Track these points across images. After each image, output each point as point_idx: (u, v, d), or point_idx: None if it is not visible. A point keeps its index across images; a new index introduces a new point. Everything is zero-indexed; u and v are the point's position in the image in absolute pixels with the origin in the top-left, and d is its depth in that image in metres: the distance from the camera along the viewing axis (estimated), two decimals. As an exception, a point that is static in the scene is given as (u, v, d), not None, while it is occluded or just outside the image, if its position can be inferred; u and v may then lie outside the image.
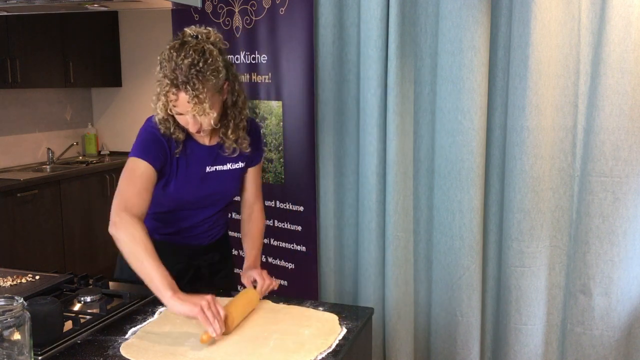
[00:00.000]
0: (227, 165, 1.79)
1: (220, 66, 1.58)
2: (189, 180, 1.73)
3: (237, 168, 1.82)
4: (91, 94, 5.17)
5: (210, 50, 1.57)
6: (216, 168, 1.77)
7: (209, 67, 1.54)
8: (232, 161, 1.79)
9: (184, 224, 1.82)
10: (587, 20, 2.16)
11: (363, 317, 1.57)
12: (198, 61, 1.53)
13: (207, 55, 1.55)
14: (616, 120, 2.14)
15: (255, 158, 1.86)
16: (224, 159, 1.77)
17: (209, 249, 1.89)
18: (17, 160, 4.48)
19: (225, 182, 1.80)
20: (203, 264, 1.88)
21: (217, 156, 1.77)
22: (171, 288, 1.44)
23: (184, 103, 1.54)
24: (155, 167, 1.64)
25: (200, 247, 1.87)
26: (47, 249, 4.05)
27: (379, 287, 2.55)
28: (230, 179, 1.81)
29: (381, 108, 2.42)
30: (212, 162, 1.76)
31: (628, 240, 2.21)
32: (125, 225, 1.54)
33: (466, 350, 2.44)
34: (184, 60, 1.52)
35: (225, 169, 1.79)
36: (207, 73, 1.53)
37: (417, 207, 2.50)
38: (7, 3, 1.73)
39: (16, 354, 1.20)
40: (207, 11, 2.74)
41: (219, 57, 1.59)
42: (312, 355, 1.35)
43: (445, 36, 2.29)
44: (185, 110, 1.56)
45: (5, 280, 1.76)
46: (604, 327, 2.28)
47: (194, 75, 1.51)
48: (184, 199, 1.76)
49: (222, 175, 1.79)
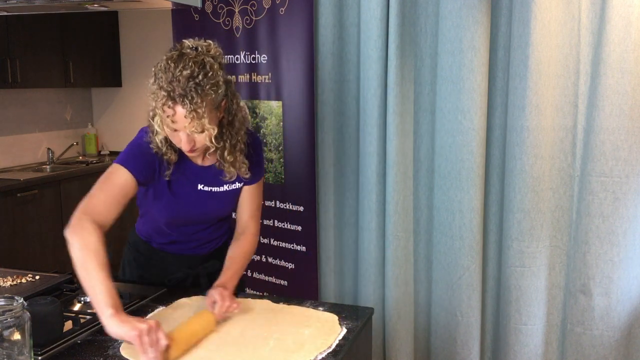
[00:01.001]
0: (224, 187, 1.69)
1: (221, 81, 1.47)
2: (179, 200, 1.65)
3: (235, 188, 1.72)
4: (91, 94, 5.17)
5: (211, 63, 1.45)
6: (212, 189, 1.68)
7: (208, 81, 1.42)
8: (229, 182, 1.69)
9: (178, 237, 1.77)
10: (587, 20, 2.16)
11: (363, 317, 1.57)
12: (198, 73, 1.41)
13: (208, 69, 1.43)
14: (616, 120, 2.14)
15: (254, 176, 1.71)
16: (220, 180, 1.67)
17: (209, 257, 1.82)
18: (17, 160, 4.48)
19: (220, 203, 1.72)
20: (202, 272, 1.80)
21: (213, 177, 1.67)
22: (113, 306, 1.29)
23: (181, 118, 1.42)
24: (138, 178, 1.54)
25: (199, 256, 1.81)
26: (47, 249, 4.05)
27: (379, 287, 2.55)
28: (225, 199, 1.72)
29: (381, 108, 2.42)
30: (206, 182, 1.67)
31: (628, 240, 2.21)
32: (81, 231, 1.41)
33: (466, 350, 2.44)
34: (182, 72, 1.40)
35: (221, 190, 1.69)
36: (206, 87, 1.42)
37: (417, 207, 2.50)
38: (7, 3, 1.73)
39: (16, 354, 1.20)
40: (207, 11, 2.74)
41: (220, 72, 1.48)
42: (312, 355, 1.35)
43: (445, 36, 2.29)
44: (181, 126, 1.44)
45: (5, 280, 1.76)
46: (604, 327, 2.27)
47: (193, 88, 1.40)
48: (174, 216, 1.70)
49: (218, 196, 1.70)
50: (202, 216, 1.74)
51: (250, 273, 2.87)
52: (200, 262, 1.81)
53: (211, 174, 1.67)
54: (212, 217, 1.76)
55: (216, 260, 1.78)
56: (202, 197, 1.68)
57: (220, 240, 1.84)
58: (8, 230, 3.75)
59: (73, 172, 4.33)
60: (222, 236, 1.84)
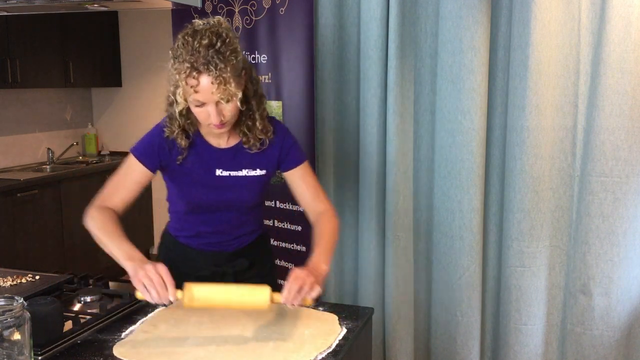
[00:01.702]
0: (243, 172, 1.66)
1: (238, 48, 1.48)
2: (195, 184, 1.66)
3: (255, 175, 1.67)
4: (91, 94, 5.17)
5: (226, 32, 1.47)
6: (230, 173, 1.65)
7: (227, 48, 1.44)
8: (248, 167, 1.66)
9: (203, 228, 1.74)
10: (587, 20, 2.16)
11: (363, 317, 1.57)
12: (216, 41, 1.43)
13: (224, 36, 1.45)
14: (616, 120, 2.14)
15: (288, 160, 1.69)
16: (239, 163, 1.66)
17: (235, 255, 1.77)
18: (17, 160, 4.48)
19: (240, 189, 1.67)
20: (228, 271, 1.76)
21: (232, 160, 1.65)
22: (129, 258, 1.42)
23: (207, 87, 1.42)
24: (147, 165, 1.62)
25: (225, 253, 1.76)
26: (47, 249, 4.05)
27: (379, 287, 2.55)
28: (245, 186, 1.67)
29: (381, 108, 2.42)
30: (225, 166, 1.65)
31: (628, 240, 2.21)
32: (94, 213, 1.58)
33: (466, 350, 2.44)
34: (201, 42, 1.42)
35: (240, 174, 1.66)
36: (227, 54, 1.43)
37: (417, 207, 2.50)
38: (7, 3, 1.74)
39: (16, 354, 1.20)
40: (207, 11, 2.74)
41: (235, 40, 1.49)
42: (312, 355, 1.35)
43: (445, 36, 2.29)
44: (208, 97, 1.45)
45: (5, 280, 1.76)
46: (604, 327, 2.27)
47: (215, 55, 1.41)
48: (193, 201, 1.69)
49: (237, 181, 1.66)
50: (220, 203, 1.69)
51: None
52: (227, 260, 1.77)
53: (230, 156, 1.65)
54: (231, 204, 1.70)
55: (244, 259, 1.77)
56: (219, 183, 1.66)
57: (246, 239, 1.79)
58: (8, 230, 3.75)
59: (73, 172, 4.34)
60: (248, 234, 1.79)
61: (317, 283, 1.42)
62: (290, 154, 1.69)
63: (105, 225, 1.54)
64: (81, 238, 4.33)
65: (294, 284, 1.39)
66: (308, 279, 1.41)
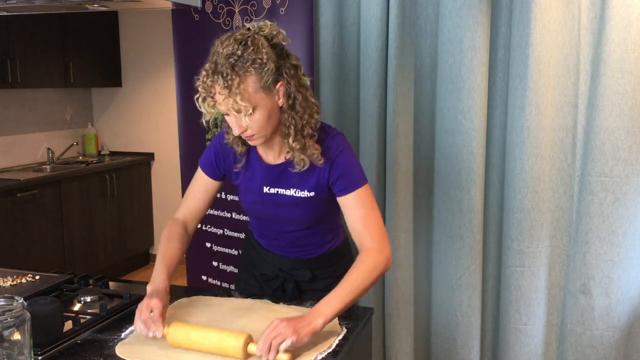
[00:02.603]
0: (291, 191, 1.59)
1: (265, 59, 1.40)
2: (249, 196, 1.66)
3: (303, 197, 1.58)
4: (91, 94, 5.17)
5: (257, 41, 1.41)
6: (277, 191, 1.61)
7: (249, 57, 1.38)
8: (297, 187, 1.58)
9: (266, 232, 1.74)
10: (587, 20, 2.16)
11: (363, 317, 1.57)
12: (236, 50, 1.38)
13: (249, 45, 1.39)
14: (616, 120, 2.14)
15: (338, 185, 1.55)
16: (288, 182, 1.59)
17: (298, 264, 1.73)
18: (17, 160, 4.48)
19: (289, 207, 1.61)
20: (290, 278, 1.74)
21: (279, 177, 1.60)
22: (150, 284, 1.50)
23: (218, 96, 1.41)
24: (211, 176, 1.69)
25: (289, 260, 1.74)
26: (47, 249, 4.05)
27: (379, 287, 2.55)
28: (294, 205, 1.60)
29: (381, 108, 2.42)
30: (272, 184, 1.61)
31: (628, 240, 2.21)
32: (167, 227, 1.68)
33: (466, 350, 2.44)
34: (223, 50, 1.40)
35: (287, 194, 1.60)
36: (246, 64, 1.38)
37: (417, 207, 2.50)
38: (7, 3, 1.74)
39: (16, 354, 1.20)
40: (207, 11, 2.74)
41: (266, 50, 1.41)
42: (312, 355, 1.35)
43: (445, 36, 2.29)
44: (221, 107, 1.43)
45: (5, 280, 1.76)
46: (604, 327, 2.28)
47: (230, 65, 1.37)
48: (249, 210, 1.72)
49: (283, 199, 1.61)
50: (273, 217, 1.67)
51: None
52: (291, 266, 1.74)
53: (277, 174, 1.60)
54: (283, 221, 1.66)
55: (307, 271, 1.73)
56: (268, 199, 1.63)
57: (311, 251, 1.72)
58: (8, 230, 3.75)
59: (73, 172, 4.33)
60: (313, 247, 1.72)
61: (296, 335, 1.30)
62: (343, 176, 1.54)
63: (162, 243, 1.64)
64: (81, 238, 4.34)
65: (268, 336, 1.30)
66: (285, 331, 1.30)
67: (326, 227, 1.71)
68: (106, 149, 5.09)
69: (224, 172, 1.69)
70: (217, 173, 1.69)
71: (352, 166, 1.57)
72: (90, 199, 4.42)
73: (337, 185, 1.55)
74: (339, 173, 1.55)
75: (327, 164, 1.54)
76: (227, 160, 1.66)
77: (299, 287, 1.75)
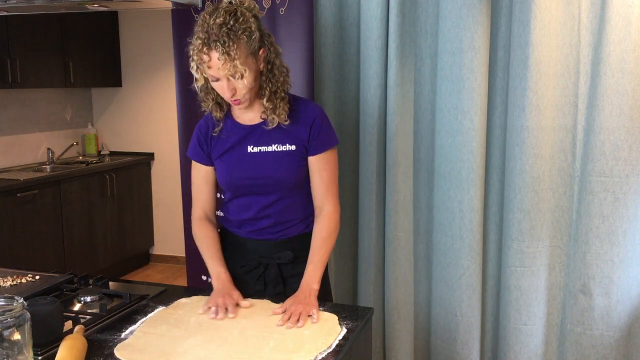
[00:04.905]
0: (272, 147, 1.72)
1: (253, 27, 1.58)
2: (232, 161, 1.73)
3: (285, 150, 1.71)
4: (91, 94, 5.17)
5: (243, 12, 1.58)
6: (260, 149, 1.72)
7: (240, 26, 1.54)
8: (278, 142, 1.72)
9: (245, 215, 1.78)
10: (587, 20, 2.16)
11: (363, 317, 1.57)
12: (229, 20, 1.53)
13: (239, 16, 1.55)
14: (616, 120, 2.14)
15: (313, 145, 1.73)
16: (268, 139, 1.72)
17: (280, 246, 1.79)
18: (17, 160, 4.48)
19: (272, 164, 1.71)
20: (272, 262, 1.79)
21: (260, 136, 1.72)
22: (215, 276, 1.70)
23: (216, 62, 1.53)
24: (203, 162, 1.78)
25: (270, 242, 1.79)
26: (47, 249, 4.05)
27: (379, 287, 2.55)
28: (277, 161, 1.72)
29: (381, 108, 2.42)
30: (254, 142, 1.72)
31: (628, 240, 2.21)
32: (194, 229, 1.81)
33: (466, 350, 2.44)
34: (215, 21, 1.53)
35: (269, 150, 1.72)
36: (238, 32, 1.53)
37: (417, 207, 2.50)
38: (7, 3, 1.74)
39: (16, 354, 1.20)
40: (207, 11, 2.74)
41: (252, 20, 1.59)
42: (312, 355, 1.35)
43: (445, 36, 2.29)
44: (218, 72, 1.56)
45: (5, 280, 1.76)
46: (604, 327, 2.28)
47: (225, 33, 1.52)
48: (233, 182, 1.75)
49: (267, 156, 1.72)
50: (257, 181, 1.73)
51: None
52: (272, 250, 1.79)
53: (258, 132, 1.73)
54: (269, 183, 1.73)
55: (288, 252, 1.79)
56: (252, 159, 1.73)
57: (292, 230, 1.80)
58: (8, 230, 3.75)
59: (73, 172, 4.33)
60: (293, 224, 1.79)
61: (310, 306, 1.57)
62: (318, 136, 1.73)
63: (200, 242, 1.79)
64: (81, 238, 4.34)
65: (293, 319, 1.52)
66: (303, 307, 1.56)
67: (303, 201, 1.80)
68: (106, 149, 5.09)
69: (209, 152, 1.77)
70: (205, 158, 1.78)
71: (325, 127, 1.76)
72: (90, 199, 4.42)
73: (313, 144, 1.73)
74: (317, 131, 1.73)
75: (306, 121, 1.73)
76: (207, 138, 1.77)
77: (282, 273, 1.79)
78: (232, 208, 1.82)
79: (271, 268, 1.79)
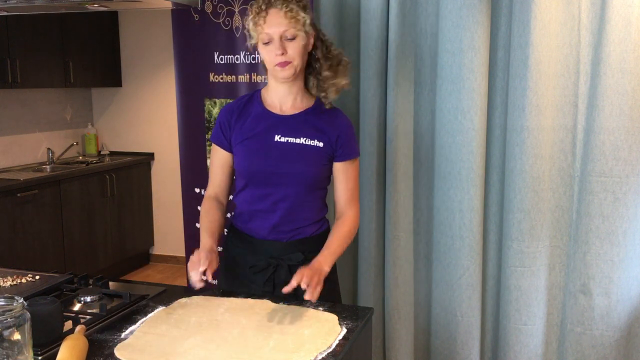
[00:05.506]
0: (301, 139, 1.71)
1: (308, 7, 1.67)
2: (256, 148, 1.73)
3: (313, 145, 1.71)
4: (91, 94, 5.17)
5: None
6: (288, 139, 1.71)
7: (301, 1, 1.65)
8: (307, 136, 1.71)
9: (260, 206, 1.75)
10: (587, 20, 2.16)
11: (363, 317, 1.57)
12: None
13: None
14: (616, 120, 2.14)
15: (342, 149, 1.75)
16: (297, 131, 1.72)
17: (291, 247, 1.77)
18: (17, 160, 4.48)
19: (297, 156, 1.70)
20: (283, 263, 1.76)
21: (289, 126, 1.72)
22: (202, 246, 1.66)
23: (276, 19, 1.61)
24: (223, 147, 1.79)
25: (280, 243, 1.77)
26: (47, 249, 4.05)
27: (379, 287, 2.55)
28: (302, 154, 1.70)
29: (381, 108, 2.42)
30: (283, 132, 1.72)
31: (628, 240, 2.21)
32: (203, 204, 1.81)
33: (466, 350, 2.44)
34: None
35: (297, 142, 1.71)
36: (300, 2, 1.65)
37: (417, 207, 2.50)
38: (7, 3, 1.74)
39: (16, 354, 1.20)
40: (207, 11, 2.74)
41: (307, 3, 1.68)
42: (312, 355, 1.35)
43: (445, 36, 2.29)
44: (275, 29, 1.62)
45: (5, 280, 1.76)
46: (604, 327, 2.28)
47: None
48: (252, 169, 1.73)
49: (293, 148, 1.70)
50: (277, 173, 1.71)
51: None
52: (282, 251, 1.77)
53: (290, 123, 1.74)
54: (288, 175, 1.72)
55: (299, 253, 1.77)
56: (277, 148, 1.72)
57: (304, 230, 1.78)
58: (8, 230, 3.75)
59: (73, 172, 4.33)
60: (306, 224, 1.79)
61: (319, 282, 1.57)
62: (347, 144, 1.76)
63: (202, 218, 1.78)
64: (81, 238, 4.34)
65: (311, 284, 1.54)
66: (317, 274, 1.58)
67: (318, 204, 1.81)
68: (106, 149, 5.09)
69: (230, 138, 1.77)
70: (225, 143, 1.79)
71: (354, 137, 1.82)
72: (90, 199, 4.42)
73: (342, 149, 1.75)
74: (347, 139, 1.76)
75: (340, 126, 1.76)
76: (231, 122, 1.77)
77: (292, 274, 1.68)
78: (243, 197, 1.79)
79: (281, 269, 1.76)
